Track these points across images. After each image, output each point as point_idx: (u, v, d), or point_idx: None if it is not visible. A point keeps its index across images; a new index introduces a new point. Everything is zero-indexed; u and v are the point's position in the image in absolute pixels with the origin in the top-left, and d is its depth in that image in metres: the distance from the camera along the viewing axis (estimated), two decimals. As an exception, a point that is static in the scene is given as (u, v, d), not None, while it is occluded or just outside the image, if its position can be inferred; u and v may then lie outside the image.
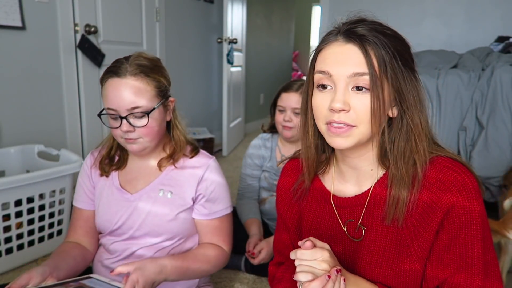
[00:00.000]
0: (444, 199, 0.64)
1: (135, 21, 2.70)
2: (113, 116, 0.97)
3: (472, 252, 0.64)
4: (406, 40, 0.67)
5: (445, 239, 0.65)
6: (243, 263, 1.61)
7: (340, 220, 0.76)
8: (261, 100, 4.90)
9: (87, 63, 2.33)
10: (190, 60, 3.44)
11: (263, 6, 4.62)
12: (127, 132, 0.97)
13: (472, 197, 0.63)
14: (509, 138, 1.94)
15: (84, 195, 1.13)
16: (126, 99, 0.95)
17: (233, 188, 2.53)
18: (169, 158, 1.07)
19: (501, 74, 1.96)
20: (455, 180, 0.64)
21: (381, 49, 0.62)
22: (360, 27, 0.64)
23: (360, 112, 0.63)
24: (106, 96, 0.97)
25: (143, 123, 0.97)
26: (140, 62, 0.98)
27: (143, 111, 0.96)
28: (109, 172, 1.10)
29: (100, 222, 1.09)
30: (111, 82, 0.96)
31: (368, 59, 0.61)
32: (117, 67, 0.97)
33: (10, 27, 1.93)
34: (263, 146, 1.73)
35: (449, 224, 0.64)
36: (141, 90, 0.96)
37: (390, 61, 0.62)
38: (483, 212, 0.64)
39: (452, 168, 0.65)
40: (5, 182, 1.47)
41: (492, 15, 2.98)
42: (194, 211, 1.09)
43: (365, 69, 0.62)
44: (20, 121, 2.04)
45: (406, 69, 0.64)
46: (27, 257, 1.66)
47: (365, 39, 0.63)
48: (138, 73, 0.96)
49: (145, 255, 1.06)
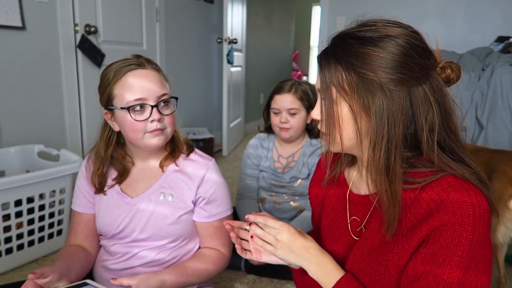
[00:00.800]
0: (437, 218, 0.61)
1: (135, 21, 2.70)
2: (140, 107, 0.96)
3: (458, 251, 0.61)
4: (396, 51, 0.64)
5: (432, 248, 0.62)
6: (243, 263, 1.61)
7: (348, 215, 0.79)
8: (261, 100, 4.90)
9: (87, 63, 2.33)
10: (190, 60, 3.44)
11: (263, 6, 4.62)
12: (157, 122, 0.97)
13: (468, 223, 0.59)
14: (509, 138, 1.95)
15: (84, 199, 1.11)
16: (156, 87, 0.98)
17: (233, 188, 2.53)
18: (170, 156, 1.07)
19: (501, 74, 1.96)
20: (455, 201, 0.61)
21: (329, 68, 0.67)
22: (329, 48, 0.69)
23: (326, 123, 0.69)
24: (132, 87, 0.96)
25: (170, 111, 1.01)
26: (150, 60, 1.03)
27: (168, 98, 1.01)
28: (107, 189, 1.08)
29: (101, 226, 1.08)
30: (135, 73, 0.97)
31: (321, 76, 0.68)
32: (134, 62, 0.99)
33: (10, 27, 1.93)
34: (260, 146, 1.73)
35: (440, 237, 0.61)
36: (162, 81, 1.01)
37: (339, 77, 0.66)
38: (476, 236, 0.60)
39: (457, 187, 0.62)
40: (5, 182, 1.47)
41: (492, 15, 2.98)
42: (194, 214, 1.09)
43: (319, 85, 0.69)
44: (20, 121, 2.04)
45: (365, 82, 0.63)
46: (27, 257, 1.66)
47: (321, 58, 0.69)
48: (156, 67, 1.02)
49: (147, 256, 1.05)
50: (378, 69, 0.63)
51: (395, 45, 0.63)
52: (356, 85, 0.64)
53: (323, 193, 0.90)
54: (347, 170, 0.84)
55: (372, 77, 0.63)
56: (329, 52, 0.67)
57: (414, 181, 0.65)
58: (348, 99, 0.65)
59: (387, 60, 0.63)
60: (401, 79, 0.63)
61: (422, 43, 0.67)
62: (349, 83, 0.64)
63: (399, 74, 0.63)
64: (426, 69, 0.65)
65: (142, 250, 1.06)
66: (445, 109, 0.65)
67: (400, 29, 0.66)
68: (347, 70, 0.64)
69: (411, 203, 0.65)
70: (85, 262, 1.07)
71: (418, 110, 0.64)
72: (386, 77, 0.63)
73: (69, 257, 1.03)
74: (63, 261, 0.99)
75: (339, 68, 0.65)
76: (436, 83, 0.65)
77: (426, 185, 0.64)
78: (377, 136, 0.64)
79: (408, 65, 0.63)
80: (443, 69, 0.67)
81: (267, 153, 1.71)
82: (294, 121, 1.57)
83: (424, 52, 0.66)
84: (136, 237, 1.05)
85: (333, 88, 0.66)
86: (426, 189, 0.64)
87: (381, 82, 0.62)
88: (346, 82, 0.65)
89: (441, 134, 0.65)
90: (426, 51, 0.66)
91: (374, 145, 0.64)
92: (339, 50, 0.66)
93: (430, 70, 0.65)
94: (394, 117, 0.63)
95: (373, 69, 0.63)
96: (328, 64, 0.66)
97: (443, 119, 0.65)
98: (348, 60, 0.64)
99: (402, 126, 0.63)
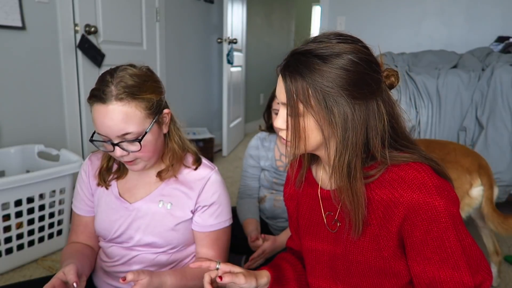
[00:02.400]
0: (405, 196, 0.69)
1: (135, 21, 2.70)
2: (106, 141, 0.94)
3: (449, 243, 0.68)
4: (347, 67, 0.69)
5: (419, 235, 0.69)
6: (243, 263, 1.61)
7: (323, 211, 0.84)
8: (261, 100, 4.90)
9: (87, 63, 2.33)
10: (190, 60, 3.44)
11: (263, 6, 4.63)
12: (122, 156, 0.94)
13: (433, 193, 0.67)
14: (509, 138, 1.95)
15: (83, 202, 1.11)
16: (115, 127, 0.89)
17: (233, 188, 2.53)
18: (167, 170, 1.04)
19: (501, 74, 1.96)
20: (415, 178, 0.69)
21: (295, 85, 0.70)
22: (292, 64, 0.71)
23: (292, 133, 0.73)
24: (95, 122, 0.91)
25: (136, 148, 0.93)
26: (126, 82, 0.90)
27: (134, 137, 0.91)
28: (108, 183, 1.07)
29: (99, 230, 1.08)
30: (97, 108, 0.90)
31: (287, 91, 0.71)
32: (101, 90, 0.89)
33: (10, 27, 1.93)
34: (261, 146, 1.73)
35: (418, 221, 0.68)
36: (129, 116, 0.89)
37: (306, 94, 0.69)
38: (448, 206, 0.68)
39: (413, 166, 0.70)
40: (5, 182, 1.47)
41: (492, 15, 2.98)
42: (192, 223, 1.07)
43: (284, 99, 0.72)
44: (20, 121, 2.04)
45: (330, 98, 0.68)
46: (27, 257, 1.66)
47: (286, 74, 0.72)
48: (125, 97, 0.88)
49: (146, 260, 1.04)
50: (342, 87, 0.68)
51: (353, 63, 0.68)
52: (323, 100, 0.68)
53: (296, 197, 0.94)
54: (314, 169, 0.89)
55: (336, 94, 0.68)
56: (293, 69, 0.70)
57: (369, 174, 0.72)
58: (314, 113, 0.70)
59: (349, 78, 0.68)
60: (361, 94, 0.69)
61: (373, 58, 0.72)
62: (316, 99, 0.69)
63: (360, 90, 0.68)
64: (379, 83, 0.71)
65: (141, 253, 1.05)
66: (394, 117, 0.74)
67: (354, 45, 0.70)
68: (314, 88, 0.68)
69: (372, 199, 0.73)
70: (92, 259, 1.08)
71: (373, 121, 0.70)
72: (349, 93, 0.68)
73: (78, 255, 1.03)
74: (73, 258, 0.99)
75: (305, 86, 0.69)
76: (386, 94, 0.73)
77: (377, 181, 0.72)
78: (343, 146, 0.70)
79: (366, 81, 0.69)
80: (388, 77, 0.75)
81: (268, 152, 1.71)
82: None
83: (376, 66, 0.72)
84: (135, 243, 1.04)
85: (300, 103, 0.70)
86: (379, 183, 0.72)
87: (345, 98, 0.68)
88: (312, 99, 0.69)
89: (390, 139, 0.73)
90: (377, 65, 0.72)
91: (340, 154, 0.71)
92: (303, 67, 0.69)
93: (381, 83, 0.72)
94: (356, 129, 0.69)
95: (337, 86, 0.68)
96: (294, 80, 0.69)
97: (392, 127, 0.74)
98: (313, 78, 0.68)
99: (361, 135, 0.70)
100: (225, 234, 1.11)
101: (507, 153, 1.95)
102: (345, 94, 0.68)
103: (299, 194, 0.93)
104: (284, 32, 5.33)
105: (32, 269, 1.63)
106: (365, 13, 3.33)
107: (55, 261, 1.70)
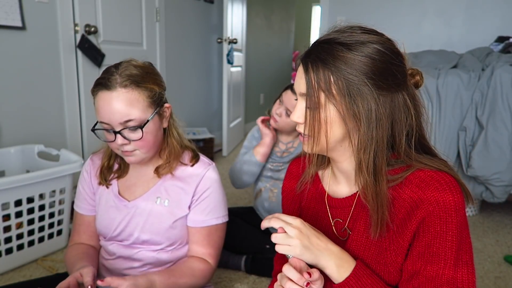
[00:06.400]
0: (418, 214, 0.66)
1: (135, 21, 2.70)
2: (107, 130, 0.95)
3: (445, 241, 0.65)
4: (378, 57, 0.66)
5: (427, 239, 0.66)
6: (243, 263, 1.61)
7: (331, 219, 0.81)
8: (261, 100, 4.90)
9: (87, 63, 2.33)
10: (190, 60, 3.44)
11: (263, 6, 4.63)
12: (122, 145, 0.95)
13: (449, 208, 0.64)
14: (509, 138, 1.94)
15: (85, 201, 1.13)
16: (118, 112, 0.91)
17: (232, 188, 2.52)
18: (165, 166, 1.05)
19: (501, 74, 1.96)
20: (432, 198, 0.65)
21: (317, 73, 0.66)
22: (315, 53, 0.68)
23: (310, 126, 0.69)
24: (98, 110, 0.94)
25: (138, 136, 0.94)
26: (130, 71, 0.93)
27: (136, 124, 0.93)
28: (109, 181, 1.09)
29: (100, 228, 1.09)
30: (102, 95, 0.92)
31: (307, 80, 0.67)
32: (106, 78, 0.92)
33: (10, 27, 1.93)
34: (260, 138, 1.78)
35: (423, 232, 0.66)
36: (132, 102, 0.92)
37: (328, 82, 0.65)
38: (459, 204, 0.65)
39: (433, 184, 0.66)
40: (5, 182, 1.47)
41: (492, 15, 2.98)
42: (187, 218, 1.08)
43: (304, 89, 0.68)
44: (20, 121, 2.04)
45: (354, 87, 0.65)
46: (27, 257, 1.66)
47: (307, 62, 0.68)
48: (129, 84, 0.92)
49: (146, 257, 1.06)
50: (367, 75, 0.64)
51: (379, 52, 0.65)
52: (346, 89, 0.65)
53: (299, 203, 0.90)
54: (320, 174, 0.86)
55: (360, 83, 0.64)
56: (316, 57, 0.67)
57: (393, 178, 0.68)
58: (336, 103, 0.66)
59: (375, 66, 0.65)
60: (386, 85, 0.65)
61: (399, 50, 0.69)
62: (338, 88, 0.65)
63: (385, 80, 0.65)
64: (405, 76, 0.68)
65: (141, 251, 1.06)
66: (418, 114, 0.71)
67: (379, 36, 0.68)
68: (336, 75, 0.65)
69: (395, 200, 0.69)
70: (96, 259, 1.10)
71: (398, 115, 0.67)
72: (374, 83, 0.65)
73: (87, 256, 1.05)
74: (83, 261, 1.01)
75: (328, 73, 0.65)
76: (411, 90, 0.70)
77: (401, 182, 0.68)
78: (367, 139, 0.66)
79: (392, 71, 0.66)
80: (413, 75, 0.72)
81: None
82: (286, 118, 1.62)
83: (402, 59, 0.69)
84: (134, 240, 1.06)
85: (321, 92, 0.66)
86: (404, 185, 0.68)
87: (370, 88, 0.64)
88: (334, 87, 0.65)
89: (416, 137, 0.70)
90: (403, 58, 0.69)
91: (364, 148, 0.67)
92: (326, 55, 0.66)
93: (407, 76, 0.69)
94: (382, 121, 0.66)
95: (361, 74, 0.64)
96: (316, 68, 0.66)
97: (418, 124, 0.70)
98: (336, 65, 0.65)
99: (386, 130, 0.67)
100: (218, 231, 1.11)
101: (507, 153, 1.95)
102: (370, 84, 0.64)
103: (303, 197, 0.89)
104: (284, 32, 5.33)
105: (32, 269, 1.63)
106: (365, 13, 3.32)
107: (55, 261, 1.70)
